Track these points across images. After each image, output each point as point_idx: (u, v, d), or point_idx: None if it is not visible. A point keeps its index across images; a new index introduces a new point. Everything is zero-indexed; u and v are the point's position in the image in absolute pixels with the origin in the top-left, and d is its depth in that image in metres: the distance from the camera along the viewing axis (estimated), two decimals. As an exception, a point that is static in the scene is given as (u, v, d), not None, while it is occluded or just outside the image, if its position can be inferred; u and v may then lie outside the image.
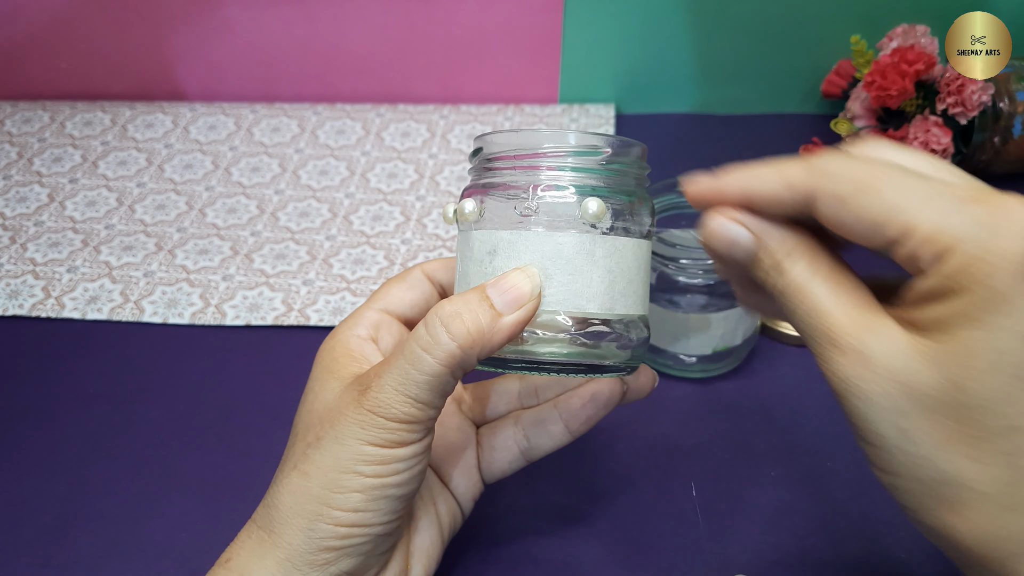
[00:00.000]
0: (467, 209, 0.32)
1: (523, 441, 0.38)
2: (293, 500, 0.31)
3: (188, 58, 0.69)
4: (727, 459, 0.45)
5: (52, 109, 0.70)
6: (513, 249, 0.31)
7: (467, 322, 0.29)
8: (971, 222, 0.23)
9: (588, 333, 0.31)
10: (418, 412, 0.30)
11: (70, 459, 0.46)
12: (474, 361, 0.30)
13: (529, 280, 0.30)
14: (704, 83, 0.69)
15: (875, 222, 0.25)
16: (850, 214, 0.25)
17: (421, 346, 0.30)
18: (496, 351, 0.30)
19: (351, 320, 0.35)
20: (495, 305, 0.30)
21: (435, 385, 0.30)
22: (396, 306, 0.35)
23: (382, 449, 0.30)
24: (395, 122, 0.68)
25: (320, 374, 0.34)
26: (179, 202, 0.62)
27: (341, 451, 0.30)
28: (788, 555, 0.41)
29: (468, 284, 0.32)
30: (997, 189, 0.25)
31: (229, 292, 0.55)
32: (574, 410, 0.37)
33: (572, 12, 0.66)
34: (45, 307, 0.54)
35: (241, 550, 0.32)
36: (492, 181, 0.32)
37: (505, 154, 0.32)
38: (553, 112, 0.69)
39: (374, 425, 0.30)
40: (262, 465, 0.45)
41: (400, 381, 0.30)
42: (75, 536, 0.42)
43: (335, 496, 0.30)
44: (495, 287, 0.30)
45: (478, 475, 0.38)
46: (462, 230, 0.33)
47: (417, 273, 0.36)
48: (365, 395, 0.30)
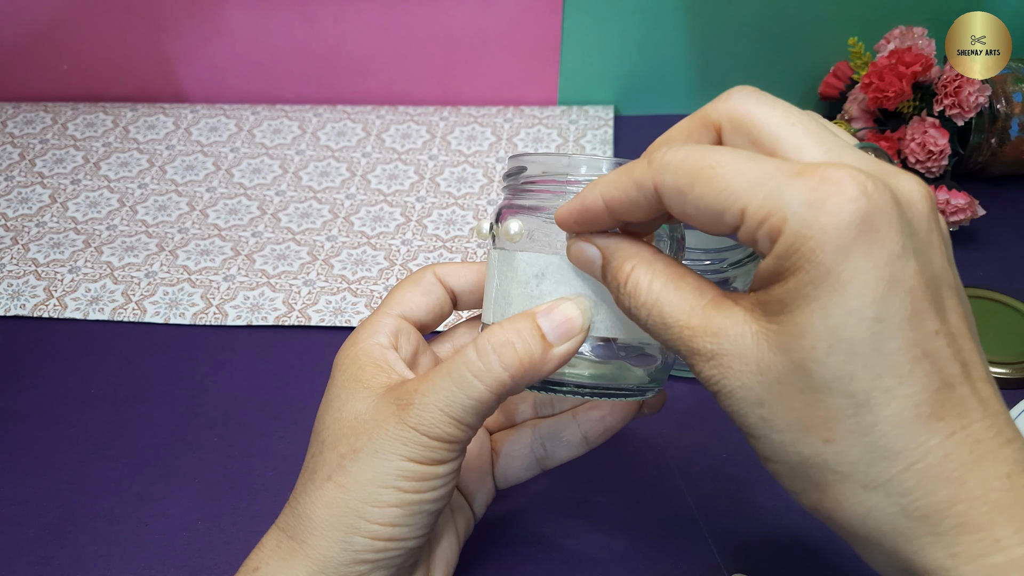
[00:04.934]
0: (513, 230, 0.32)
1: (540, 450, 0.38)
2: (328, 512, 0.31)
3: (189, 60, 0.69)
4: (726, 458, 0.45)
5: (54, 110, 0.70)
6: (563, 275, 0.31)
7: (519, 352, 0.29)
8: (797, 198, 0.23)
9: (622, 358, 0.31)
10: (460, 434, 0.30)
11: (72, 459, 0.46)
12: (521, 388, 0.30)
13: (581, 314, 0.30)
14: (703, 85, 0.69)
15: (714, 210, 0.24)
16: (691, 205, 0.25)
17: (472, 371, 0.29)
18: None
19: (370, 328, 0.34)
20: (546, 336, 0.30)
21: (481, 410, 0.30)
22: (412, 311, 0.35)
23: (421, 466, 0.30)
24: (395, 124, 0.69)
25: (347, 383, 0.33)
26: (181, 203, 0.62)
27: (381, 465, 0.30)
28: (787, 555, 0.41)
29: (510, 305, 0.32)
30: (831, 157, 0.24)
31: (230, 292, 0.55)
32: (594, 421, 0.37)
33: (571, 14, 0.66)
34: (47, 307, 0.54)
35: (270, 559, 0.32)
36: (539, 204, 0.32)
37: (555, 177, 0.32)
38: (552, 114, 0.69)
39: (416, 443, 0.30)
40: (263, 465, 0.45)
41: (447, 403, 0.30)
42: (76, 536, 0.42)
43: (373, 510, 0.30)
44: (547, 317, 0.30)
45: (492, 482, 0.39)
46: (503, 248, 0.33)
47: (430, 276, 0.36)
48: (407, 411, 0.30)
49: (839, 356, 0.23)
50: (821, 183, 0.23)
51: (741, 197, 0.24)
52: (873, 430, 0.23)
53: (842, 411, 0.23)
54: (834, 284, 0.22)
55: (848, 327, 0.22)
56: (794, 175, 0.23)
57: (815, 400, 0.23)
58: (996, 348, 0.49)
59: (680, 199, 0.25)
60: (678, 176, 0.25)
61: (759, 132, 0.25)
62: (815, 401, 0.23)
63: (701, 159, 0.25)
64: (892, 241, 0.22)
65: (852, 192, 0.22)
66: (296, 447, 0.46)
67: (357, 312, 0.53)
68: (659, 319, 0.27)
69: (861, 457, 0.23)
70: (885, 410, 0.23)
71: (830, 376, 0.23)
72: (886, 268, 0.22)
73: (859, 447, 0.23)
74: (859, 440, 0.23)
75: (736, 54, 0.68)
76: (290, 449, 0.46)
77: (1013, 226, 0.59)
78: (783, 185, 0.23)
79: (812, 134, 0.25)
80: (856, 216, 0.22)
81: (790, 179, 0.23)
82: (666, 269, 0.27)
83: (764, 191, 0.23)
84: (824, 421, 0.23)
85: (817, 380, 0.23)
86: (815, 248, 0.22)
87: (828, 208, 0.22)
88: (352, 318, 0.53)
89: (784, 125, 0.25)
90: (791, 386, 0.24)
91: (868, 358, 0.22)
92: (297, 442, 0.46)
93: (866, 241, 0.22)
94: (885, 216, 0.22)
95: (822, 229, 0.22)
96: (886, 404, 0.23)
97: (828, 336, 0.23)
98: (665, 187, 0.25)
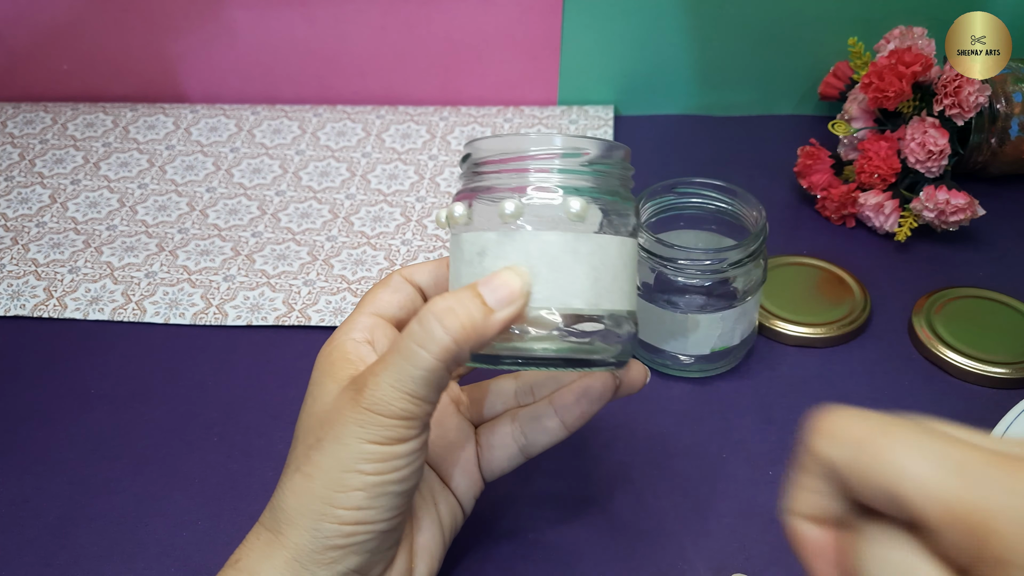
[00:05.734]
0: (456, 213, 0.33)
1: (520, 438, 0.38)
2: (297, 501, 0.32)
3: (189, 60, 0.69)
4: (725, 458, 0.45)
5: (54, 111, 0.70)
6: (501, 249, 0.32)
7: (460, 316, 0.30)
8: (1006, 490, 0.18)
9: (576, 329, 0.32)
10: (415, 408, 0.31)
11: (72, 459, 0.46)
12: (467, 355, 0.31)
13: (519, 278, 0.31)
14: (702, 85, 0.69)
15: (884, 490, 0.20)
16: (855, 480, 0.21)
17: (416, 341, 0.30)
18: (488, 346, 0.31)
19: (346, 326, 0.35)
20: (487, 301, 0.30)
21: (431, 380, 0.30)
22: (385, 309, 0.36)
23: (382, 447, 0.31)
24: (395, 124, 0.69)
25: (318, 378, 0.34)
26: (181, 203, 0.62)
27: (342, 451, 0.31)
28: (787, 555, 0.41)
29: (460, 284, 0.33)
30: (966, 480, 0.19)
31: (230, 292, 0.55)
32: (568, 405, 0.37)
33: (571, 14, 0.66)
34: (47, 308, 0.54)
35: (250, 551, 0.33)
36: (480, 185, 0.34)
37: (491, 158, 0.33)
38: (552, 114, 0.69)
39: (373, 423, 0.31)
40: (263, 465, 0.45)
41: (396, 378, 0.30)
42: (76, 536, 0.42)
43: (338, 495, 0.31)
44: (486, 285, 0.31)
45: (478, 473, 0.39)
46: (454, 233, 0.34)
47: (397, 278, 0.37)
48: (362, 394, 0.31)
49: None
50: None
51: (917, 477, 0.20)
52: None
53: None
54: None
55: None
56: (993, 462, 0.19)
57: None
58: (996, 348, 0.49)
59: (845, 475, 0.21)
60: (842, 446, 0.21)
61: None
62: None
63: (866, 425, 0.21)
64: None
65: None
66: (296, 447, 0.46)
67: (357, 312, 0.53)
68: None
69: None
70: None
71: None
72: None
73: None
74: None
75: (736, 54, 0.68)
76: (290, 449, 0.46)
77: (1013, 226, 0.59)
78: (982, 472, 0.19)
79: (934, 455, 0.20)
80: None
81: (990, 466, 0.19)
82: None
83: (952, 475, 0.19)
84: None
85: None
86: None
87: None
88: (352, 318, 0.53)
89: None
90: None
91: None
92: (297, 442, 0.46)
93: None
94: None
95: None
96: None
97: None
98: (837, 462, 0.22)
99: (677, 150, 0.67)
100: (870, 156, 0.56)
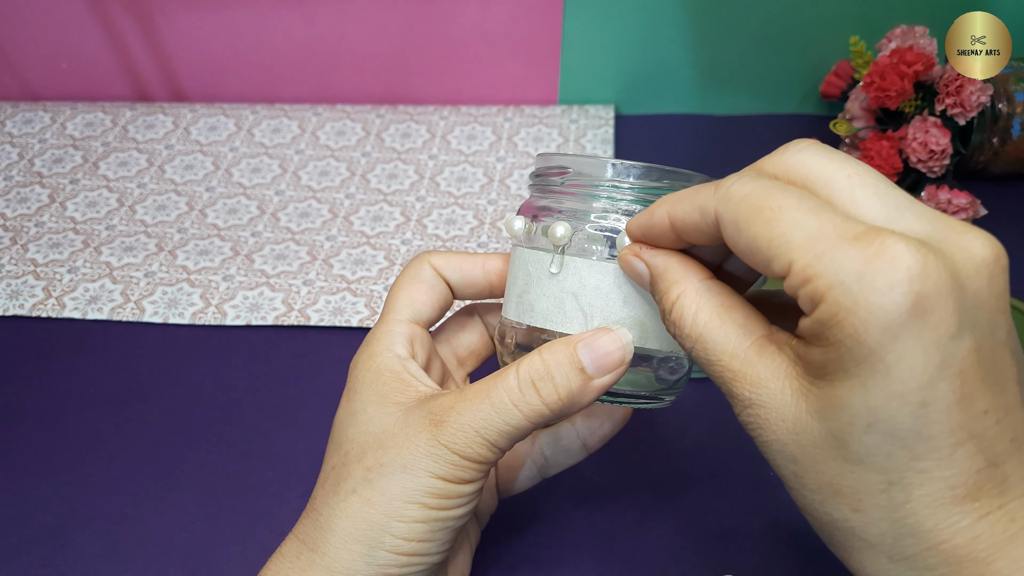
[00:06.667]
0: (559, 233, 0.31)
1: (540, 459, 0.38)
2: (353, 525, 0.30)
3: (188, 59, 0.69)
4: (726, 459, 0.45)
5: (53, 110, 0.70)
6: (602, 283, 0.31)
7: (559, 387, 0.30)
8: (846, 267, 0.22)
9: (655, 367, 0.32)
10: (491, 455, 0.30)
11: (71, 459, 0.46)
12: (559, 419, 0.31)
13: (621, 349, 0.30)
14: (703, 84, 0.69)
15: (764, 255, 0.24)
16: (743, 242, 0.24)
17: (511, 400, 0.30)
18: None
19: (386, 339, 0.34)
20: (586, 368, 0.30)
21: (515, 435, 0.30)
22: (421, 312, 0.35)
23: (450, 484, 0.30)
24: (395, 123, 0.69)
25: (372, 397, 0.32)
26: (180, 203, 0.62)
27: (409, 481, 0.30)
28: (787, 555, 0.41)
29: (524, 299, 0.32)
30: (890, 213, 0.23)
31: (230, 292, 0.55)
32: (593, 428, 0.37)
33: (572, 14, 0.66)
34: (46, 307, 0.54)
35: (289, 570, 0.31)
36: (580, 208, 0.31)
37: (593, 182, 0.31)
38: (553, 113, 0.69)
39: (447, 460, 0.30)
40: (263, 464, 0.45)
41: (482, 425, 0.30)
42: (75, 536, 0.42)
43: (398, 525, 0.30)
44: (588, 348, 0.30)
45: (495, 492, 0.39)
46: (535, 248, 0.32)
47: (428, 270, 0.35)
48: (440, 428, 0.30)
49: (877, 435, 0.22)
50: (876, 255, 0.21)
51: (792, 250, 0.23)
52: (903, 508, 0.23)
53: (873, 486, 0.23)
54: (877, 366, 0.22)
55: (889, 409, 0.22)
56: (850, 239, 0.22)
57: (847, 471, 0.23)
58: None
59: (735, 234, 0.24)
60: (738, 210, 0.24)
61: (814, 186, 0.25)
62: (847, 472, 0.23)
63: (765, 198, 0.24)
64: (946, 323, 0.21)
65: (908, 270, 0.21)
66: (295, 447, 0.46)
67: (356, 312, 0.53)
68: (702, 354, 0.27)
69: (887, 531, 0.23)
70: (918, 490, 0.22)
71: (865, 452, 0.23)
72: (936, 353, 0.21)
73: (886, 521, 0.23)
74: (887, 515, 0.23)
75: (737, 53, 0.68)
76: (289, 449, 0.46)
77: (1015, 226, 0.59)
78: (836, 248, 0.22)
79: (870, 186, 0.24)
80: (909, 298, 0.21)
81: (845, 243, 0.22)
82: (713, 300, 0.27)
83: (816, 250, 0.22)
84: (854, 492, 0.23)
85: (851, 453, 0.23)
86: (859, 327, 0.21)
87: (879, 286, 0.21)
88: (352, 318, 0.53)
89: (840, 178, 0.24)
90: (825, 452, 0.23)
91: (908, 440, 0.22)
92: (296, 442, 0.46)
93: (917, 325, 0.21)
94: (941, 297, 0.21)
95: (869, 308, 0.21)
96: (920, 485, 0.22)
97: (867, 415, 0.22)
98: (724, 218, 0.25)
99: (678, 149, 0.67)
100: (872, 156, 0.56)
